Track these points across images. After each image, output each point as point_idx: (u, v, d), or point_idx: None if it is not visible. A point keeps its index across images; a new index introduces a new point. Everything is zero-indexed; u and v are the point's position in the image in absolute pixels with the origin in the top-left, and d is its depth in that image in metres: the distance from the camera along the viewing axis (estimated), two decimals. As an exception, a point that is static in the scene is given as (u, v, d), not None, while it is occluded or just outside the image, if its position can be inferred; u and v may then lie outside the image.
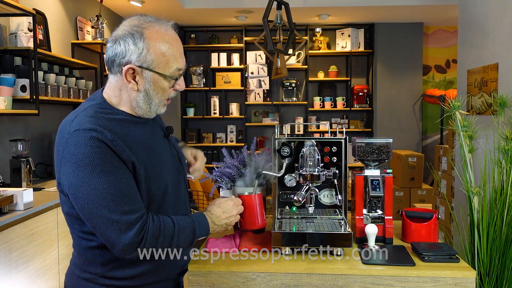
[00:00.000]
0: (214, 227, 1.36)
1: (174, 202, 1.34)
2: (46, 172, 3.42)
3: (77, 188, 1.14)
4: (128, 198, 1.16)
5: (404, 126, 6.02)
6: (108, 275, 1.25)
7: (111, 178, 1.14)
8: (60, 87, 3.36)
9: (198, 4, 5.06)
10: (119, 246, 1.15)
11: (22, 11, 2.81)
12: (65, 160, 1.15)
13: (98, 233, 1.17)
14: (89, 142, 1.13)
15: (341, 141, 1.58)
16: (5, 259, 2.04)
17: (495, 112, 2.58)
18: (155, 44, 1.21)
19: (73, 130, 1.16)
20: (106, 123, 1.19)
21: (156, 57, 1.22)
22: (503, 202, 2.26)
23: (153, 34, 1.22)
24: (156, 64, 1.22)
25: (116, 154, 1.16)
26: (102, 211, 1.13)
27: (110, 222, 1.14)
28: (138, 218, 1.16)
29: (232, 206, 1.41)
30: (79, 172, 1.13)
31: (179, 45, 1.27)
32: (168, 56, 1.23)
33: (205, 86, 6.05)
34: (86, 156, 1.13)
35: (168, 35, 1.24)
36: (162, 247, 1.22)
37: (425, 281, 1.30)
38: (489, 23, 2.94)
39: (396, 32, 5.94)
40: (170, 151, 1.38)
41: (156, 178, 1.26)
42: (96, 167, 1.13)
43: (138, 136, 1.26)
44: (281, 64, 3.91)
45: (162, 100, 1.28)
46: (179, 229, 1.25)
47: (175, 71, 1.26)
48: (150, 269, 1.29)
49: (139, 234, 1.16)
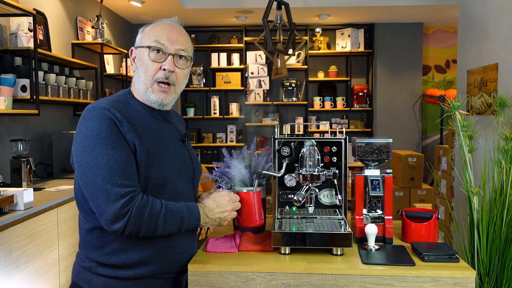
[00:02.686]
0: (206, 219, 1.38)
1: (173, 198, 1.36)
2: (46, 172, 3.42)
3: (81, 156, 1.26)
4: (123, 173, 1.24)
5: (404, 126, 6.02)
6: (103, 260, 1.31)
7: (112, 152, 1.24)
8: (60, 87, 3.37)
9: (198, 4, 5.06)
10: (105, 215, 1.23)
11: (23, 11, 2.81)
12: (78, 131, 1.29)
13: (91, 201, 1.26)
14: (100, 118, 1.26)
15: (341, 141, 1.58)
16: (6, 259, 2.04)
17: (494, 112, 2.59)
18: (148, 29, 1.41)
19: (91, 107, 1.30)
20: (121, 108, 1.32)
21: (143, 35, 1.40)
22: (503, 202, 2.26)
23: (152, 24, 1.41)
24: (142, 41, 1.39)
25: (122, 133, 1.27)
26: (97, 179, 1.23)
27: (101, 190, 1.22)
28: (128, 192, 1.24)
29: (228, 201, 1.42)
30: (86, 142, 1.25)
31: (168, 28, 1.39)
32: (151, 32, 1.38)
33: (205, 86, 6.05)
34: (95, 129, 1.25)
35: (162, 22, 1.41)
36: (148, 226, 1.26)
37: (425, 281, 1.30)
38: (489, 23, 2.95)
39: (396, 32, 5.95)
40: (182, 153, 1.44)
41: (157, 167, 1.32)
42: (101, 139, 1.24)
43: (151, 127, 1.36)
44: (281, 64, 3.91)
45: (148, 77, 1.37)
46: (167, 211, 1.29)
47: (154, 42, 1.36)
48: (144, 258, 1.32)
49: (125, 207, 1.22)
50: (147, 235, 1.28)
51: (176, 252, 1.39)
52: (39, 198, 2.49)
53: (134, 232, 1.25)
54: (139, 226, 1.25)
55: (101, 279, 1.32)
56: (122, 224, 1.23)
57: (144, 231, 1.26)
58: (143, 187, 1.30)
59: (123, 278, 1.32)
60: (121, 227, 1.23)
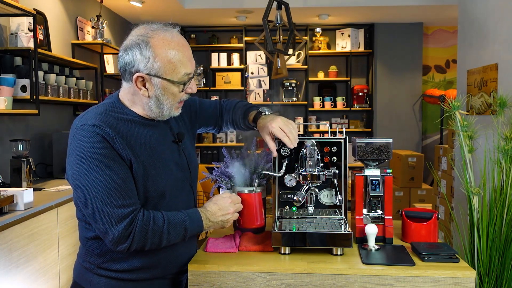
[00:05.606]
0: (209, 223, 1.37)
1: (173, 205, 1.36)
2: (46, 172, 3.42)
3: (77, 178, 1.22)
4: (122, 193, 1.21)
5: (404, 126, 6.02)
6: (104, 266, 1.31)
7: (108, 172, 1.20)
8: (60, 87, 3.37)
9: (198, 4, 5.06)
10: (109, 237, 1.22)
11: (23, 11, 2.81)
12: (71, 152, 1.24)
13: (93, 223, 1.24)
14: (91, 137, 1.21)
15: (341, 141, 1.58)
16: (6, 259, 2.04)
17: (494, 112, 2.59)
18: (161, 51, 1.25)
19: (80, 125, 1.24)
20: (111, 121, 1.25)
21: (163, 64, 1.25)
22: (503, 202, 2.26)
23: (158, 41, 1.25)
24: (163, 71, 1.26)
25: (116, 150, 1.23)
26: (96, 202, 1.20)
27: (102, 214, 1.20)
28: (129, 213, 1.21)
29: (230, 203, 1.41)
30: (80, 164, 1.21)
31: (186, 50, 1.29)
32: (175, 62, 1.26)
33: (205, 86, 6.05)
34: (87, 150, 1.20)
35: (174, 41, 1.27)
36: (153, 241, 1.26)
37: (425, 281, 1.30)
38: (489, 23, 2.95)
39: (396, 32, 5.95)
40: (177, 156, 1.41)
41: (155, 178, 1.30)
42: (96, 160, 1.20)
43: (143, 137, 1.31)
44: (281, 64, 3.91)
45: (174, 104, 1.32)
46: (169, 225, 1.28)
47: (184, 76, 1.29)
48: (145, 265, 1.32)
49: (128, 228, 1.21)
50: (152, 248, 1.28)
51: (177, 255, 1.39)
52: (39, 198, 2.49)
53: (139, 248, 1.25)
54: (143, 243, 1.25)
55: (102, 279, 1.32)
56: (127, 244, 1.22)
57: (149, 246, 1.26)
58: (143, 200, 1.29)
59: (124, 279, 1.32)
60: (125, 247, 1.23)
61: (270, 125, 1.46)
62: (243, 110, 1.61)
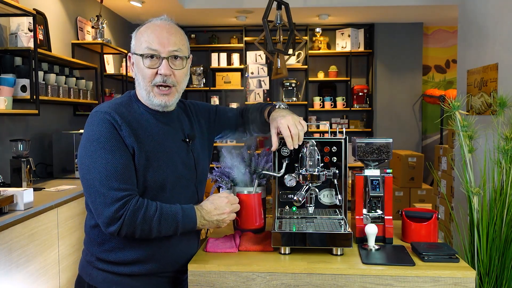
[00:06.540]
0: (204, 222, 1.38)
1: (175, 201, 1.37)
2: (46, 172, 3.42)
3: (83, 158, 1.30)
4: (120, 177, 1.27)
5: (404, 126, 6.02)
6: (102, 256, 1.36)
7: (110, 156, 1.27)
8: (60, 87, 3.36)
9: (198, 4, 5.06)
10: (101, 217, 1.27)
11: (22, 11, 2.80)
12: (83, 134, 1.34)
13: (90, 203, 1.31)
14: (101, 122, 1.29)
15: (341, 141, 1.58)
16: (6, 259, 2.04)
17: (494, 112, 2.59)
18: (139, 31, 1.39)
19: (94, 111, 1.34)
20: (123, 111, 1.34)
21: (136, 41, 1.39)
22: (503, 202, 2.26)
23: (142, 27, 1.39)
24: (136, 47, 1.38)
25: (121, 137, 1.30)
26: (95, 182, 1.26)
27: (98, 193, 1.26)
28: (124, 196, 1.26)
29: (226, 203, 1.41)
30: (87, 146, 1.29)
31: (158, 29, 1.36)
32: (141, 37, 1.37)
33: (205, 86, 6.05)
34: (95, 133, 1.29)
35: (152, 23, 1.38)
36: (143, 228, 1.28)
37: (425, 281, 1.30)
38: (489, 23, 2.95)
39: (396, 32, 5.95)
40: (184, 154, 1.44)
41: (156, 170, 1.34)
42: (101, 143, 1.27)
43: (152, 130, 1.37)
44: (281, 64, 3.91)
45: (147, 83, 1.36)
46: (161, 214, 1.30)
47: (146, 49, 1.35)
48: (140, 258, 1.35)
49: (120, 210, 1.25)
50: (142, 237, 1.30)
51: (173, 252, 1.39)
52: (39, 198, 2.49)
53: (129, 234, 1.29)
54: (133, 229, 1.28)
55: (100, 273, 1.36)
56: (117, 227, 1.26)
57: (139, 233, 1.29)
58: (142, 189, 1.33)
59: (120, 274, 1.35)
60: (115, 230, 1.27)
61: (279, 121, 1.45)
62: (261, 107, 1.63)
